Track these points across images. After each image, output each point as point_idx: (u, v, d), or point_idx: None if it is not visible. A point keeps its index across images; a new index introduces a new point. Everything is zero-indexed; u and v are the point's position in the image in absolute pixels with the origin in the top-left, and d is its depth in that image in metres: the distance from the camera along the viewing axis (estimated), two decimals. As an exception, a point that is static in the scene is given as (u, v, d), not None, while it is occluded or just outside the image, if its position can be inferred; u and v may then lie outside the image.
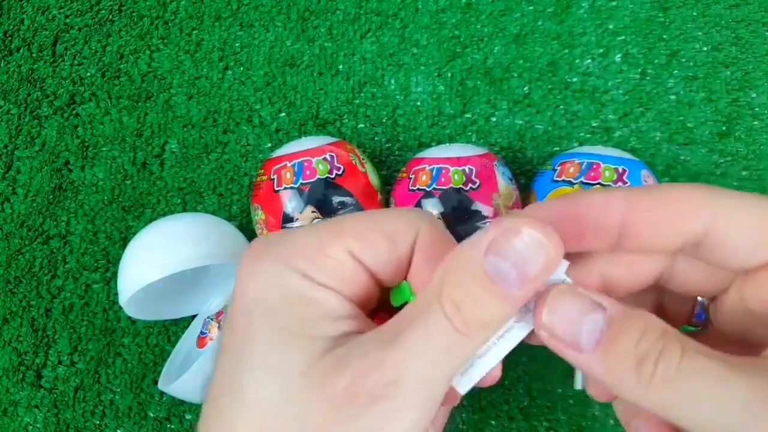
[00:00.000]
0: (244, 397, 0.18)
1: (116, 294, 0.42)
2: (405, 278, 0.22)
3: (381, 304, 0.22)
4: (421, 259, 0.20)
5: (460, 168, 0.36)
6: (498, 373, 0.21)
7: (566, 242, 0.18)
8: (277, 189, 0.36)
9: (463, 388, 0.20)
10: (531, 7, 0.44)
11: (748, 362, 0.16)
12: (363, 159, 0.38)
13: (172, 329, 0.42)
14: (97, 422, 0.41)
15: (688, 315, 0.22)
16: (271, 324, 0.18)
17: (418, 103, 0.44)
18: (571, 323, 0.18)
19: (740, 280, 0.19)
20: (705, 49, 0.43)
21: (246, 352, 0.18)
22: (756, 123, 0.43)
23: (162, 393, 0.41)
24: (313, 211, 0.36)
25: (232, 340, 0.19)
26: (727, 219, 0.18)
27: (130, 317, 0.42)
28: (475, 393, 0.41)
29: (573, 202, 0.19)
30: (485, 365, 0.20)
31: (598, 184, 0.35)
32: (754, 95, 0.43)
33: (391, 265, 0.20)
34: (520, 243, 0.17)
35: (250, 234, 0.40)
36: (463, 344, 0.18)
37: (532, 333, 0.19)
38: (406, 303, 0.22)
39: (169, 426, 0.40)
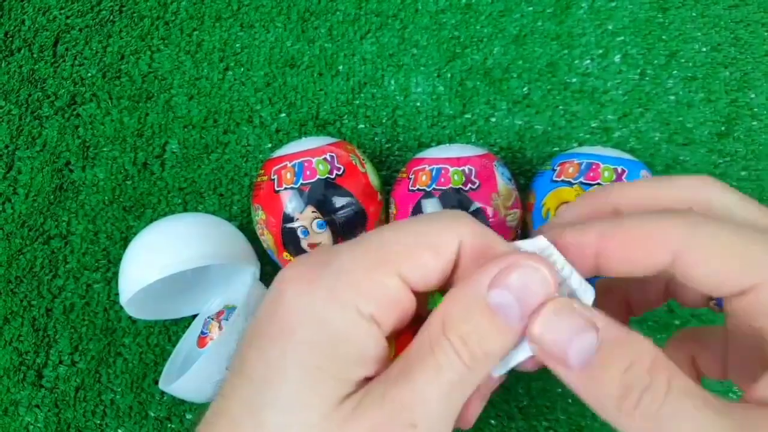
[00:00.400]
0: (266, 428, 0.18)
1: (117, 294, 0.43)
2: (446, 284, 0.21)
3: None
4: (471, 264, 0.20)
5: (460, 168, 0.36)
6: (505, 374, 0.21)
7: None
8: (277, 189, 0.36)
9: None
10: (530, 8, 0.44)
11: (732, 410, 0.16)
12: (363, 159, 0.39)
13: (173, 329, 0.42)
14: (98, 422, 0.41)
15: (705, 296, 0.22)
16: (306, 361, 0.18)
17: (418, 104, 0.44)
18: (562, 340, 0.18)
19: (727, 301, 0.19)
20: (704, 49, 0.43)
21: (274, 384, 0.18)
22: (755, 123, 0.43)
23: (163, 393, 0.41)
24: (313, 211, 0.36)
25: (261, 361, 0.18)
26: (693, 254, 0.18)
27: (130, 317, 0.42)
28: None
29: (554, 234, 0.20)
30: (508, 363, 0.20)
31: (598, 184, 0.35)
32: (753, 96, 0.43)
33: (435, 276, 0.20)
34: (522, 276, 0.18)
35: (250, 234, 0.40)
36: (470, 377, 0.18)
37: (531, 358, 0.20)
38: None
39: (169, 425, 0.41)
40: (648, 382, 0.17)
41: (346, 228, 0.36)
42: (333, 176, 0.36)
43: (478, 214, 0.35)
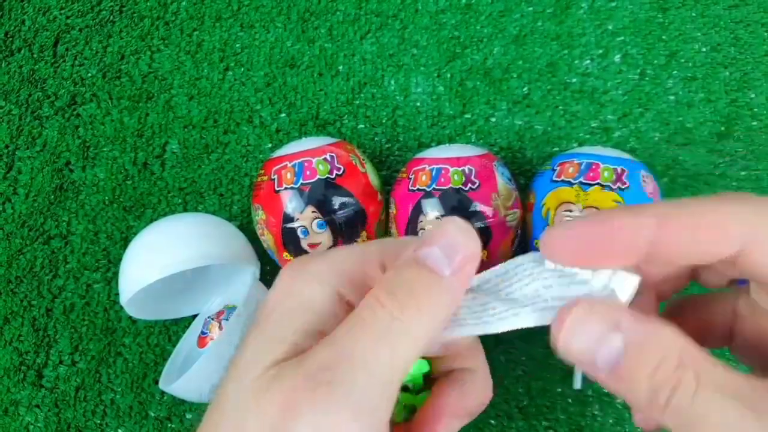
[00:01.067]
0: (223, 400, 0.19)
1: (117, 294, 0.43)
2: None
3: None
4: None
5: (460, 168, 0.36)
6: (489, 396, 0.22)
7: (594, 259, 0.18)
8: (277, 189, 0.36)
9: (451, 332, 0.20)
10: (530, 8, 0.44)
11: (764, 400, 0.16)
12: (363, 159, 0.39)
13: (173, 329, 0.42)
14: (98, 422, 0.41)
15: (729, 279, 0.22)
16: (266, 329, 0.19)
17: (418, 104, 0.44)
18: (588, 346, 0.18)
19: None
20: (704, 49, 0.44)
21: (241, 361, 0.19)
22: (755, 123, 0.43)
23: (163, 392, 0.41)
24: (313, 212, 0.36)
25: (243, 345, 0.20)
26: (761, 243, 0.17)
27: (130, 317, 0.42)
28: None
29: (602, 221, 0.19)
30: (477, 329, 0.20)
31: (597, 184, 0.35)
32: (752, 96, 0.43)
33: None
34: (446, 233, 0.19)
35: (250, 234, 0.40)
36: (400, 329, 0.18)
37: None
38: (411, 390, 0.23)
39: (169, 425, 0.41)
40: (676, 381, 0.17)
41: (346, 228, 0.36)
42: (333, 176, 0.36)
43: (478, 215, 0.35)
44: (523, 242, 0.39)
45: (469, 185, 0.35)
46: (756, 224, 0.17)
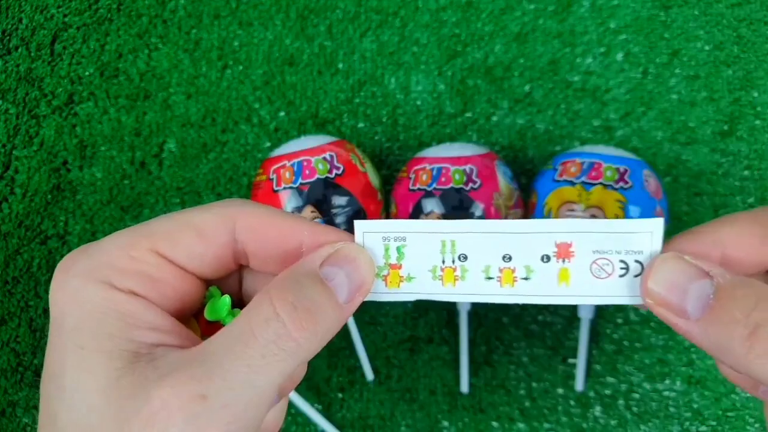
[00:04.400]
0: (57, 425, 0.17)
1: (115, 294, 0.42)
2: (229, 276, 0.21)
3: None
4: (253, 247, 0.20)
5: (461, 167, 0.36)
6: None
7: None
8: (276, 189, 0.36)
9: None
10: (532, 6, 0.44)
11: None
12: (363, 158, 0.38)
13: (171, 330, 0.42)
14: (96, 423, 0.40)
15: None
16: (75, 343, 0.18)
17: (419, 102, 0.44)
18: (678, 290, 0.17)
19: None
20: (707, 48, 0.43)
21: (56, 374, 0.18)
22: (758, 122, 0.42)
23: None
24: (312, 211, 0.35)
25: (48, 362, 0.19)
26: None
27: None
28: (474, 395, 0.40)
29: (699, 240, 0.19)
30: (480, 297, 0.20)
31: (600, 183, 0.34)
32: (756, 94, 0.43)
33: (207, 259, 0.20)
34: (354, 260, 0.19)
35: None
36: (292, 349, 0.17)
37: None
38: (220, 322, 0.21)
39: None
40: None
41: (346, 227, 0.36)
42: (332, 175, 0.36)
43: (479, 214, 0.35)
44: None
45: (471, 185, 0.35)
46: None
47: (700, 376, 0.40)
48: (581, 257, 0.20)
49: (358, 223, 0.21)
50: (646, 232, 0.19)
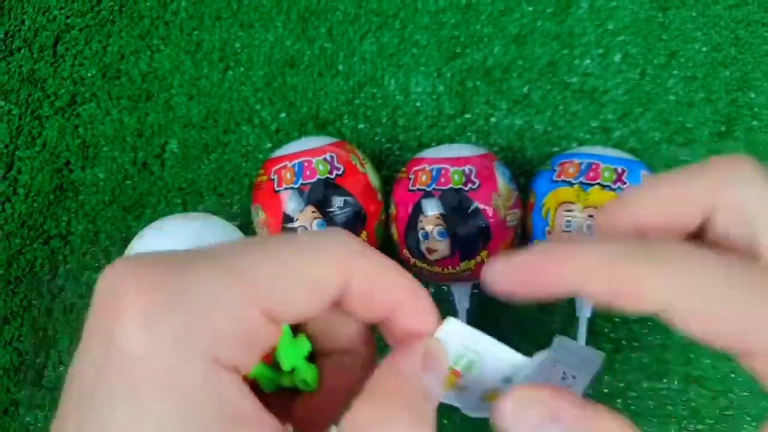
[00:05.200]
0: None
1: (117, 294, 0.42)
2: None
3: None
4: (359, 304, 0.18)
5: (460, 168, 0.36)
6: None
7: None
8: (277, 189, 0.36)
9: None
10: (531, 8, 0.44)
11: None
12: (363, 159, 0.39)
13: (173, 329, 0.42)
14: (98, 422, 0.41)
15: None
16: (162, 426, 0.14)
17: (418, 104, 0.44)
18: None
19: None
20: (704, 49, 0.43)
21: None
22: (755, 123, 0.43)
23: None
24: (313, 211, 0.36)
25: (103, 419, 0.15)
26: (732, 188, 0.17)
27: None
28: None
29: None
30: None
31: (598, 184, 0.35)
32: (753, 95, 0.43)
33: (309, 313, 0.18)
34: (439, 359, 0.19)
35: (250, 234, 0.40)
36: None
37: None
38: (293, 372, 0.19)
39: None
40: None
41: (346, 228, 0.36)
42: (333, 176, 0.36)
43: (478, 215, 0.35)
44: (523, 243, 0.39)
45: (470, 185, 0.35)
46: (676, 287, 0.17)
47: (698, 375, 0.40)
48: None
49: (450, 322, 0.20)
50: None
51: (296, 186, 0.36)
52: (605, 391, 0.40)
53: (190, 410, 0.14)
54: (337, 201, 0.36)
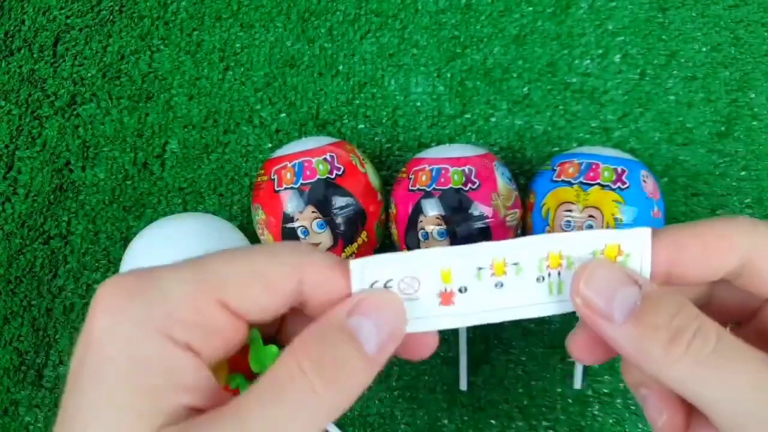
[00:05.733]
0: None
1: (117, 294, 0.42)
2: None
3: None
4: (316, 301, 0.19)
5: (460, 168, 0.36)
6: (434, 343, 0.21)
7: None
8: (277, 189, 0.36)
9: (415, 326, 0.20)
10: (530, 8, 0.44)
11: None
12: (363, 159, 0.39)
13: (173, 329, 0.42)
14: (98, 422, 0.41)
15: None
16: (119, 399, 0.17)
17: (418, 104, 0.44)
18: (606, 293, 0.18)
19: None
20: (704, 49, 0.43)
21: (78, 429, 0.17)
22: (755, 123, 0.43)
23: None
24: (313, 212, 0.36)
25: (78, 411, 0.17)
26: (763, 252, 0.18)
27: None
28: (468, 391, 0.41)
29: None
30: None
31: (597, 184, 0.35)
32: (753, 95, 0.43)
33: (269, 311, 0.19)
34: (383, 308, 0.18)
35: (251, 234, 0.40)
36: (319, 406, 0.17)
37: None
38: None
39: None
40: (698, 326, 0.17)
41: (346, 228, 0.36)
42: (333, 176, 0.36)
43: (478, 215, 0.35)
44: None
45: (470, 185, 0.35)
46: (754, 234, 0.18)
47: (697, 375, 0.40)
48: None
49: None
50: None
51: (296, 186, 0.36)
52: (605, 391, 0.40)
53: (140, 379, 0.17)
54: (337, 201, 0.36)
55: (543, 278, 0.20)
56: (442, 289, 0.20)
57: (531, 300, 0.20)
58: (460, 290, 0.20)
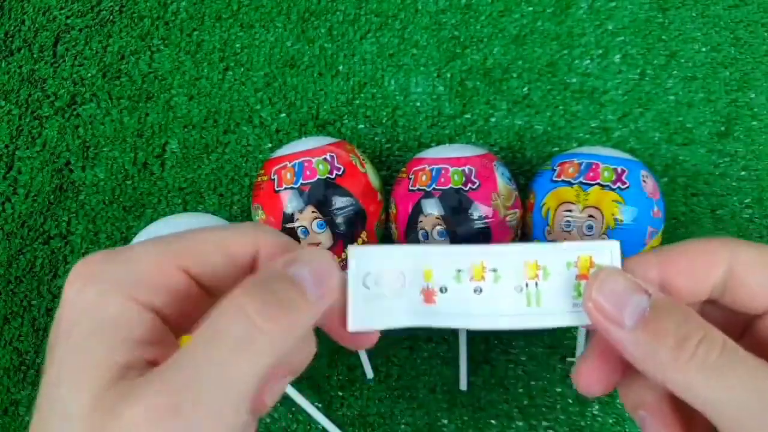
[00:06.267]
0: None
1: (117, 294, 0.42)
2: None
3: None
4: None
5: (460, 168, 0.36)
6: (312, 351, 0.22)
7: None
8: (277, 189, 0.36)
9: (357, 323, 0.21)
10: (530, 8, 0.44)
11: None
12: (363, 159, 0.39)
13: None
14: (98, 422, 0.41)
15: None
16: (79, 355, 0.18)
17: (418, 104, 0.44)
18: (618, 299, 0.19)
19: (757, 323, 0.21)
20: (704, 49, 0.44)
21: (53, 383, 0.18)
22: (755, 123, 0.43)
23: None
24: (313, 211, 0.36)
25: (49, 370, 0.18)
26: (744, 264, 0.20)
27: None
28: (469, 392, 0.41)
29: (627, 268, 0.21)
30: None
31: (597, 184, 0.35)
32: (752, 95, 0.43)
33: (228, 279, 0.20)
34: (316, 258, 0.20)
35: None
36: (264, 341, 0.18)
37: None
38: None
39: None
40: (704, 333, 0.18)
41: (346, 228, 0.36)
42: (333, 176, 0.36)
43: (478, 215, 0.35)
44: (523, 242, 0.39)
45: (469, 185, 0.35)
46: (736, 248, 0.20)
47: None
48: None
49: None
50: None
51: (296, 186, 0.36)
52: (605, 391, 0.40)
53: (104, 334, 0.18)
54: (338, 201, 0.36)
55: (521, 288, 0.21)
56: (425, 287, 0.21)
57: (510, 310, 0.21)
58: (440, 290, 0.21)
